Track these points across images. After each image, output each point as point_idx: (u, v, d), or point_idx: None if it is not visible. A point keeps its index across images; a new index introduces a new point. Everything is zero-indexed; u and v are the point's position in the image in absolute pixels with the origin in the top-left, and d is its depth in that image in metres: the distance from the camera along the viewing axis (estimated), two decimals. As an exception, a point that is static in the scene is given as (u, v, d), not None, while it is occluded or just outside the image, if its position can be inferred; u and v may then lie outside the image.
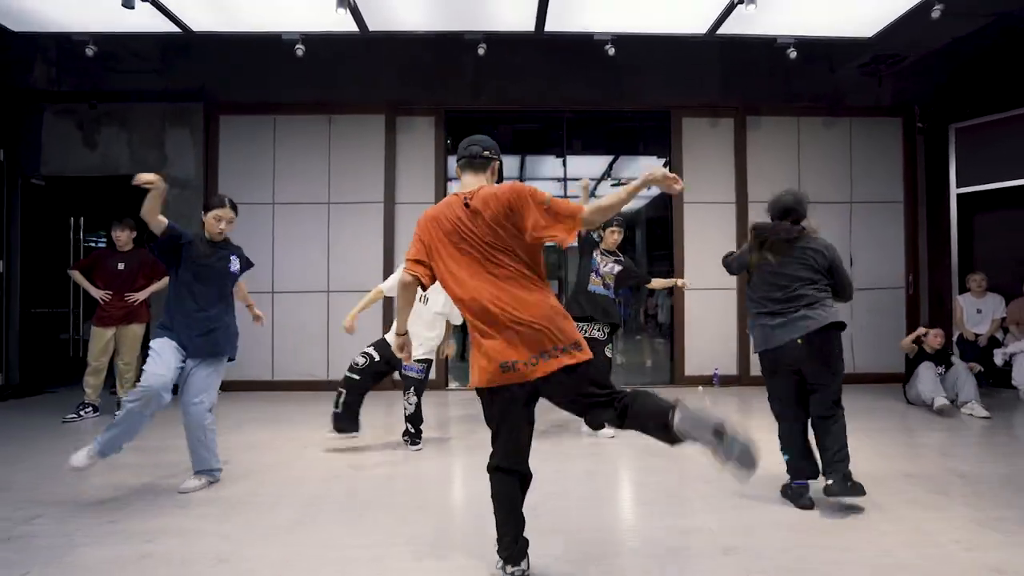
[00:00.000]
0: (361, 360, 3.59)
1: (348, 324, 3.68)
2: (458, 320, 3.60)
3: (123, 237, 4.74)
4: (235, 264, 3.10)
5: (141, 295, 4.72)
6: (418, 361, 3.58)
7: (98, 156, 5.92)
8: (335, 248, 5.99)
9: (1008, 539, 2.25)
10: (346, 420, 3.53)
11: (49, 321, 6.35)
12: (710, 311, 6.10)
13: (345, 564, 2.08)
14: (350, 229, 6.00)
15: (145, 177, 2.65)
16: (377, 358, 3.58)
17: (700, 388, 5.91)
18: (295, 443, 3.82)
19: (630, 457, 3.53)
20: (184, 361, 2.89)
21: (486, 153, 2.07)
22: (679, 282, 4.59)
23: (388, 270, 5.79)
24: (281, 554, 2.17)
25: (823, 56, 5.85)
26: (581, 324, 3.82)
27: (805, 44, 4.76)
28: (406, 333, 2.09)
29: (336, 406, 3.52)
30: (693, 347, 6.10)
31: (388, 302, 5.75)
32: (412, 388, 3.60)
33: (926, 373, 4.71)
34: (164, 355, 2.80)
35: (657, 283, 4.64)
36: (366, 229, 5.98)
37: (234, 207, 3.10)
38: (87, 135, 5.93)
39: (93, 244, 7.19)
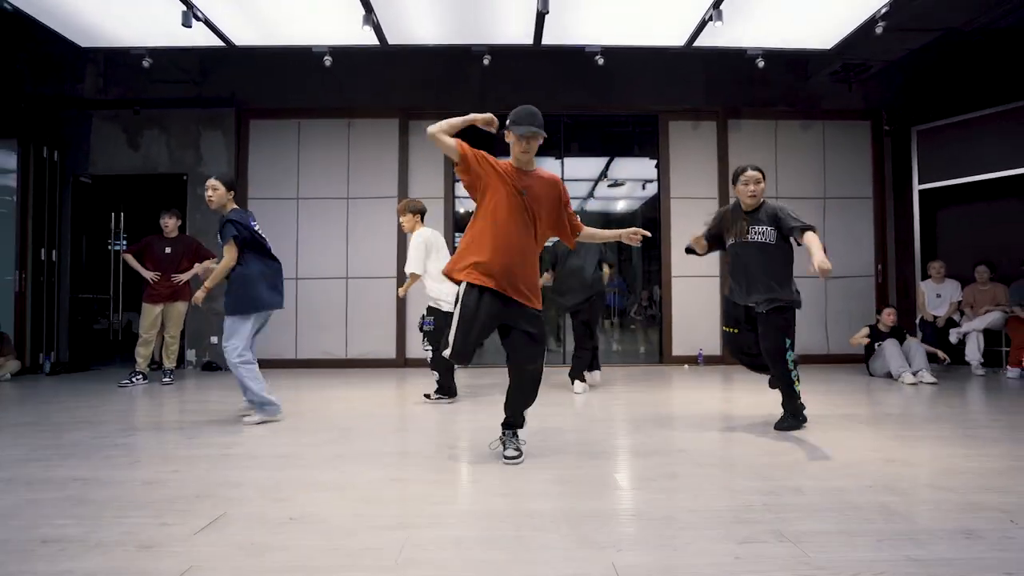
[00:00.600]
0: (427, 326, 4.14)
1: (403, 291, 4.36)
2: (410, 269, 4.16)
3: (170, 224, 5.36)
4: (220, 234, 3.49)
5: (185, 276, 5.33)
6: (428, 313, 4.13)
7: (140, 157, 6.57)
8: (353, 238, 6.60)
9: (905, 444, 2.81)
10: (447, 389, 4.16)
11: (93, 306, 6.97)
12: (695, 297, 6.67)
13: (379, 453, 2.66)
14: (367, 221, 6.61)
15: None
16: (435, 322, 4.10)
17: (686, 366, 6.47)
18: (327, 399, 4.40)
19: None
20: None
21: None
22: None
23: (401, 258, 6.39)
24: (332, 451, 2.76)
25: (795, 65, 6.46)
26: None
27: (772, 55, 5.36)
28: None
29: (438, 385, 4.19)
30: (679, 330, 6.67)
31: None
32: (425, 339, 4.14)
33: (892, 349, 5.25)
34: None
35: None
36: (381, 221, 6.59)
37: (223, 182, 3.53)
38: (131, 138, 6.58)
39: (126, 238, 7.84)
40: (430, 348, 4.12)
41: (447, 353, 2.55)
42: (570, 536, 1.75)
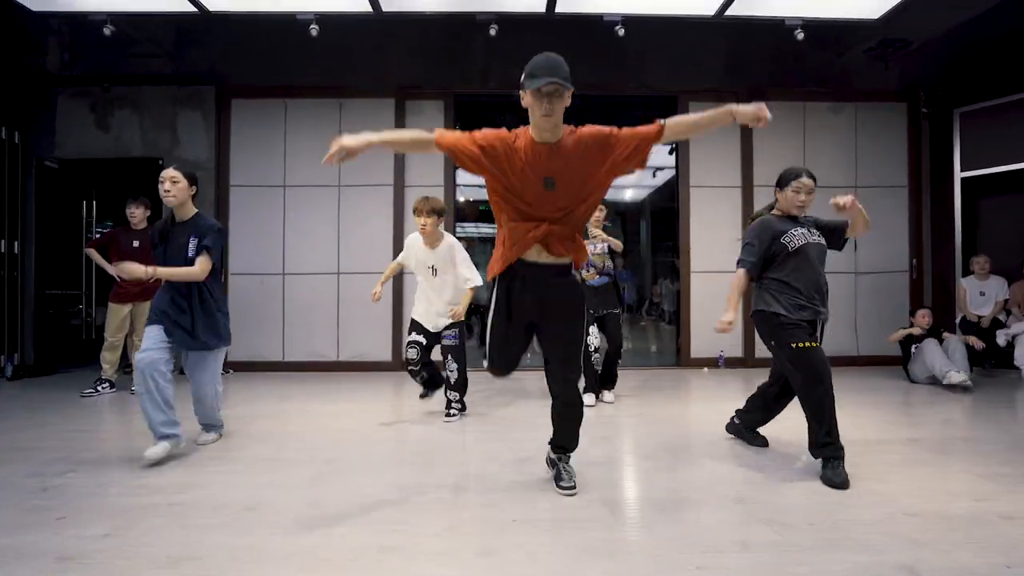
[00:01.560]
0: (412, 354, 3.65)
1: (377, 292, 3.81)
2: (477, 281, 3.64)
3: (138, 214, 4.82)
4: (191, 247, 2.90)
5: (157, 273, 4.79)
6: (449, 328, 3.66)
7: (111, 139, 5.99)
8: (345, 230, 6.06)
9: (1011, 490, 2.32)
10: (432, 386, 3.84)
11: (62, 302, 6.43)
12: (715, 294, 6.14)
13: (370, 501, 2.16)
14: (360, 211, 6.07)
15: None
16: (424, 342, 3.67)
17: (705, 369, 5.99)
18: (310, 415, 3.90)
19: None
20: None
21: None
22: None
23: (398, 252, 5.83)
24: (309, 498, 2.25)
25: (830, 40, 5.88)
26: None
27: (812, 26, 4.81)
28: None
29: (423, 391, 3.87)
30: (698, 329, 6.17)
31: (401, 284, 5.85)
32: (450, 355, 3.66)
33: (932, 348, 4.78)
34: None
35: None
36: (376, 212, 6.05)
37: (185, 173, 2.96)
38: (100, 118, 6.00)
39: (100, 230, 7.27)
40: (456, 366, 3.66)
41: (485, 364, 2.30)
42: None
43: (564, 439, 2.34)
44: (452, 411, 3.70)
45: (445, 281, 3.65)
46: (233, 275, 5.99)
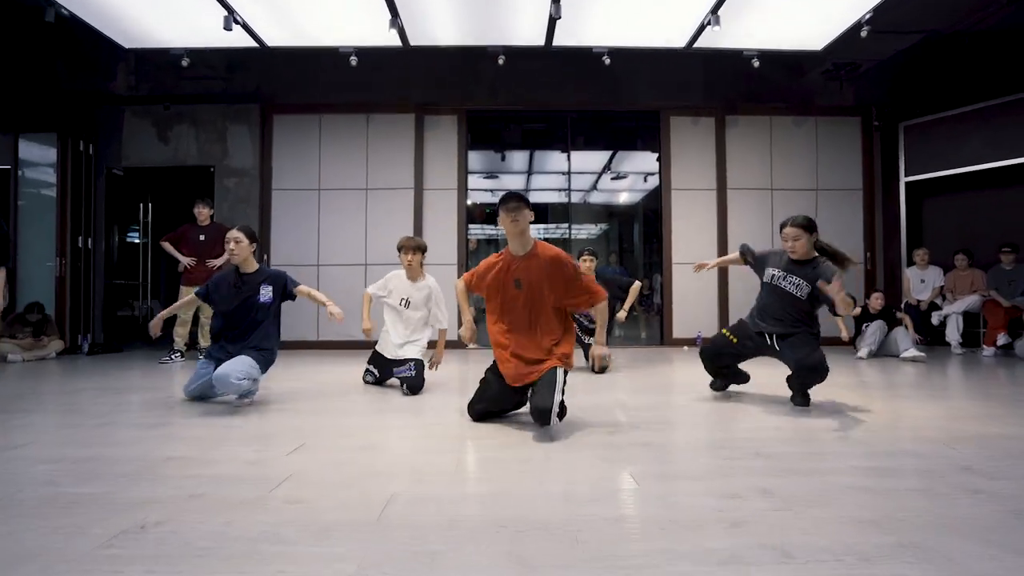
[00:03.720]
0: (369, 379, 4.08)
1: (366, 327, 3.90)
2: (445, 325, 3.97)
3: (204, 213, 5.76)
4: (264, 293, 3.34)
5: (218, 261, 5.73)
6: (407, 362, 3.76)
7: (170, 150, 6.95)
8: (371, 227, 6.99)
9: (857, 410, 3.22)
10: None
11: (124, 292, 7.38)
12: (694, 282, 7.06)
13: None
14: (384, 211, 7.01)
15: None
16: (378, 375, 4.01)
17: (685, 348, 6.88)
18: (347, 377, 4.81)
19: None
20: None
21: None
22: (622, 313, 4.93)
23: (417, 246, 6.80)
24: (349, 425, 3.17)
25: (789, 64, 6.84)
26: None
27: (766, 55, 5.73)
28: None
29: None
30: (679, 313, 7.07)
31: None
32: (405, 386, 3.68)
33: (872, 330, 5.68)
34: None
35: (620, 315, 4.91)
36: (398, 211, 6.98)
37: (246, 232, 3.40)
38: (160, 131, 6.96)
39: (137, 230, 8.22)
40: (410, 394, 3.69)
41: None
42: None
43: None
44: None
45: (412, 317, 3.90)
46: (275, 266, 6.91)
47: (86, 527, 1.52)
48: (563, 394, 2.57)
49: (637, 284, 4.87)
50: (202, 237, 5.72)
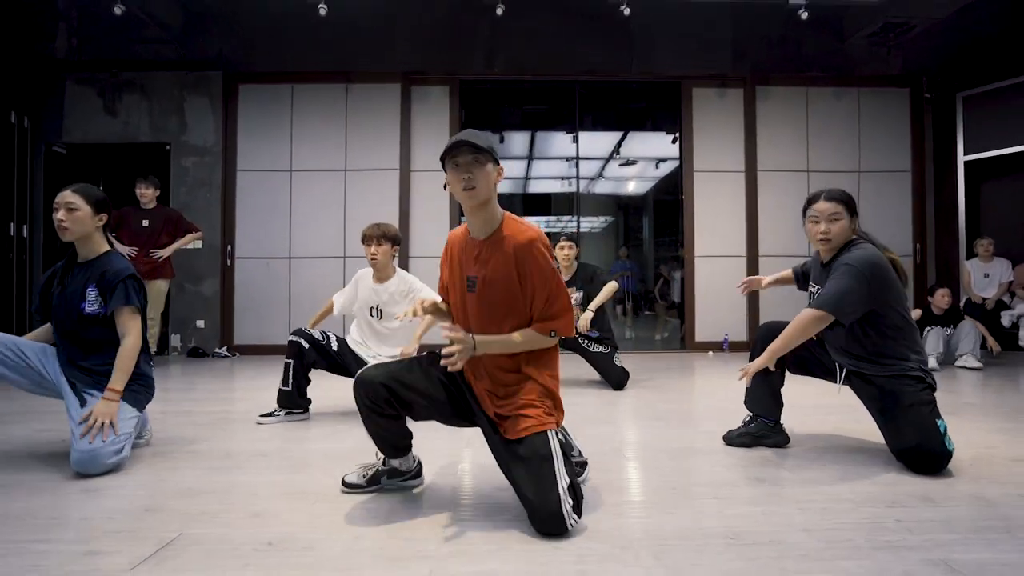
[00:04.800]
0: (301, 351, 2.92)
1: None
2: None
3: (148, 194, 4.85)
4: (90, 299, 2.16)
5: (165, 252, 4.83)
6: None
7: (119, 124, 6.03)
8: (351, 214, 6.08)
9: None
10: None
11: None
12: (719, 278, 6.17)
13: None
14: (366, 195, 6.10)
15: None
16: (319, 353, 2.96)
17: (710, 353, 6.00)
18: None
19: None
20: None
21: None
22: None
23: (404, 235, 5.90)
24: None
25: (833, 24, 5.92)
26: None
27: (816, 6, 4.84)
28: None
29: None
30: (703, 314, 6.18)
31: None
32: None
33: (932, 336, 4.79)
34: None
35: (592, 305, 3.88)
36: (382, 196, 6.08)
37: (79, 189, 2.20)
38: (108, 103, 6.04)
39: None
40: None
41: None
42: None
43: None
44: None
45: (390, 328, 3.05)
46: (239, 259, 6.02)
47: None
48: (567, 475, 1.55)
49: (613, 285, 3.89)
50: (145, 223, 4.82)
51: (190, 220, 5.12)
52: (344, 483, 1.83)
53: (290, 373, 2.86)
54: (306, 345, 2.89)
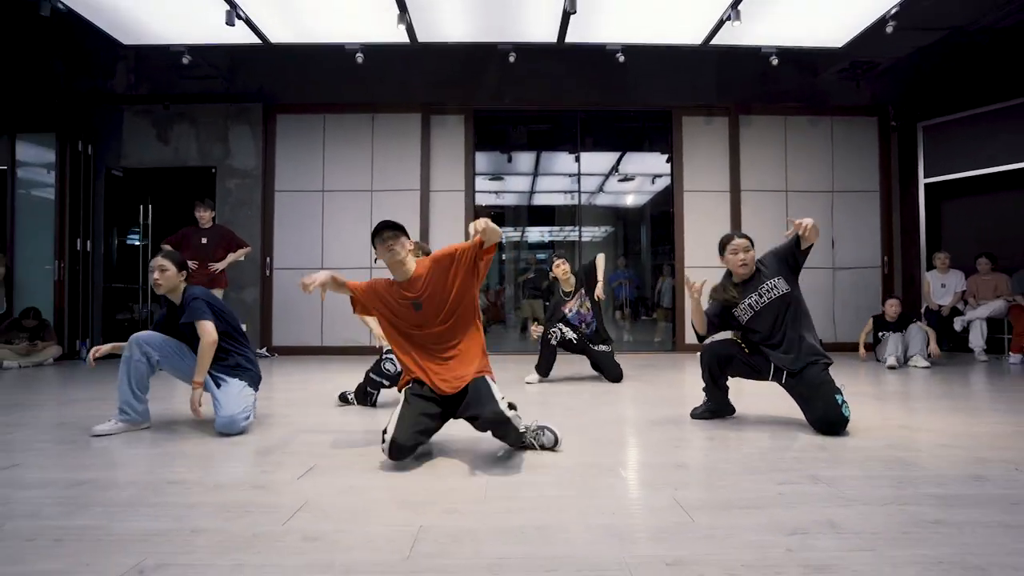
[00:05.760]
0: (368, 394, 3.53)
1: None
2: None
3: (205, 216, 5.58)
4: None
5: (220, 265, 5.55)
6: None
7: (170, 150, 6.78)
8: (377, 230, 6.80)
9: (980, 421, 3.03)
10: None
11: (123, 295, 7.20)
12: (706, 287, 6.87)
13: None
14: (390, 213, 6.78)
15: None
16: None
17: (698, 354, 6.68)
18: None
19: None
20: None
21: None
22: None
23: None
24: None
25: (805, 62, 6.67)
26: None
27: (785, 53, 5.57)
28: None
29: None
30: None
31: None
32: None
33: (891, 339, 5.48)
34: None
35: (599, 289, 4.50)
36: (404, 213, 6.80)
37: (167, 255, 2.89)
38: (161, 132, 6.79)
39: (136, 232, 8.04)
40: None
41: (384, 448, 2.21)
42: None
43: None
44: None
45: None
46: (277, 270, 6.76)
47: (72, 571, 1.34)
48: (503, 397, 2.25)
49: (601, 256, 4.51)
50: (204, 240, 5.55)
51: (240, 237, 5.85)
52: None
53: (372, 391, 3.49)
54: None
